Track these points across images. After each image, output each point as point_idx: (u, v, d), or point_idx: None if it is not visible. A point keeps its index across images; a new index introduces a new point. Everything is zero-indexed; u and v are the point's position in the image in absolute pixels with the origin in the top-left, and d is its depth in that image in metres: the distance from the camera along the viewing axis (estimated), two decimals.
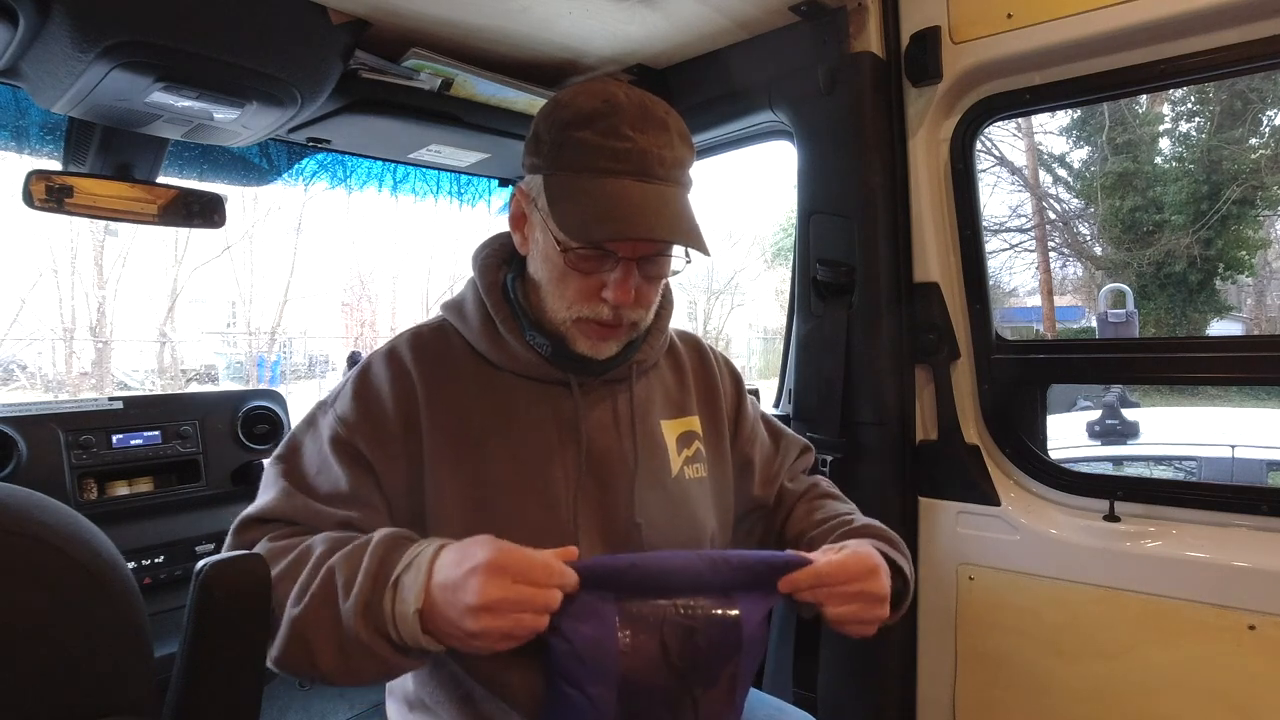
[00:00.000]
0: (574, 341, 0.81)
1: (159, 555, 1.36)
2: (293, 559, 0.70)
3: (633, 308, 0.80)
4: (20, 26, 0.95)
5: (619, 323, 0.80)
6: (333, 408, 0.83)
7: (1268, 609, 1.02)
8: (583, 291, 0.79)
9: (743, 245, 16.54)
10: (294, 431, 0.84)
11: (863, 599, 0.75)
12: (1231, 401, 8.11)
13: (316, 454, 0.81)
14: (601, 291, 0.78)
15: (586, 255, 0.77)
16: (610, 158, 0.75)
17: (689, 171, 0.82)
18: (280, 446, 0.83)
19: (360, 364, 0.86)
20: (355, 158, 1.67)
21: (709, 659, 0.70)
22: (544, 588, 0.63)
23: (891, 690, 1.33)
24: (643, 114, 0.77)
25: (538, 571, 0.64)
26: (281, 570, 0.70)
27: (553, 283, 0.80)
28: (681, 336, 1.01)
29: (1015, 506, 1.25)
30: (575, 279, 0.79)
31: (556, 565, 0.65)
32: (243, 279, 12.43)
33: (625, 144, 0.75)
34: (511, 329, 0.84)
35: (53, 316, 10.36)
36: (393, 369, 0.83)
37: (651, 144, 0.76)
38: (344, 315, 14.37)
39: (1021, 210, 12.19)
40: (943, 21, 1.25)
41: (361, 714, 1.67)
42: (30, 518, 0.55)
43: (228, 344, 13.22)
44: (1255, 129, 10.23)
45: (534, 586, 0.63)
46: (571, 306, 0.80)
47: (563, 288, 0.80)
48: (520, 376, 0.84)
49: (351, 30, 1.19)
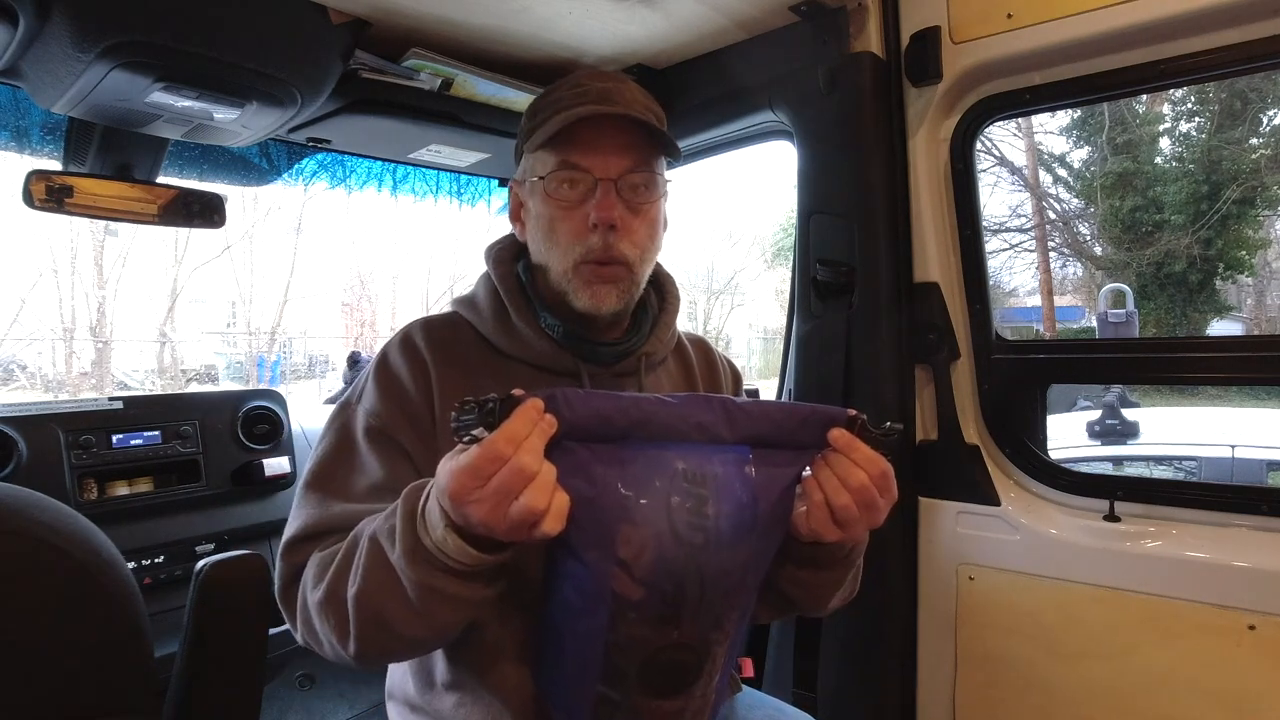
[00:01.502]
0: (576, 296, 0.82)
1: (159, 555, 1.36)
2: (343, 553, 0.70)
3: (621, 238, 0.81)
4: (20, 26, 0.95)
5: (611, 256, 0.81)
6: (359, 405, 0.84)
7: (1268, 609, 1.02)
8: (572, 230, 0.82)
9: (743, 245, 16.57)
10: (317, 450, 0.84)
11: (869, 508, 0.67)
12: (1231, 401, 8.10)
13: (348, 455, 0.81)
14: (589, 224, 0.81)
15: (564, 180, 0.81)
16: (573, 97, 0.82)
17: (656, 119, 0.86)
18: (305, 473, 0.83)
19: (376, 357, 0.87)
20: (355, 158, 1.67)
21: (718, 524, 0.62)
22: (524, 437, 0.58)
23: (891, 690, 1.33)
24: (605, 74, 0.86)
25: (514, 424, 0.58)
26: (338, 567, 0.70)
27: (547, 236, 0.84)
28: (690, 338, 1.04)
29: (1015, 506, 1.25)
30: (563, 220, 0.82)
31: (530, 411, 0.59)
32: (243, 279, 12.45)
33: (585, 86, 0.83)
34: (524, 315, 0.86)
35: (53, 316, 10.37)
36: (408, 354, 0.84)
37: (613, 86, 0.83)
38: (344, 315, 14.39)
39: (1021, 210, 12.20)
40: (943, 21, 1.25)
41: (361, 714, 1.67)
42: (30, 518, 0.55)
43: (228, 344, 13.23)
44: (1255, 129, 10.23)
45: (511, 441, 0.57)
46: (566, 252, 0.82)
47: (555, 236, 0.83)
48: (530, 366, 0.86)
49: (351, 30, 1.19)
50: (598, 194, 0.81)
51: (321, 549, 0.74)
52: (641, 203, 0.84)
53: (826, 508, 0.66)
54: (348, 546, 0.70)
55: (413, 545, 0.63)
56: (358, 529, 0.71)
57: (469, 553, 0.61)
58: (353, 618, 0.67)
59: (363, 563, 0.67)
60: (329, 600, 0.69)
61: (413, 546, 0.63)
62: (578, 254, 0.82)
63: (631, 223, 0.83)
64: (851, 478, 0.65)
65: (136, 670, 0.59)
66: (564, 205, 0.82)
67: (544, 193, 0.83)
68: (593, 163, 0.81)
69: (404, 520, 0.64)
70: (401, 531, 0.64)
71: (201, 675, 0.63)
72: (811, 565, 0.75)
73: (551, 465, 0.58)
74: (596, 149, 0.81)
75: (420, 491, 0.65)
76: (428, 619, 0.65)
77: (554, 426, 0.59)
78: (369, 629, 0.66)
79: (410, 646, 0.68)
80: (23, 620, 0.52)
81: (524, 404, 0.58)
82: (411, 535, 0.63)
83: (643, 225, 0.84)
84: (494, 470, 0.56)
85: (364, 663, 0.70)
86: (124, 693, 0.57)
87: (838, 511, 0.66)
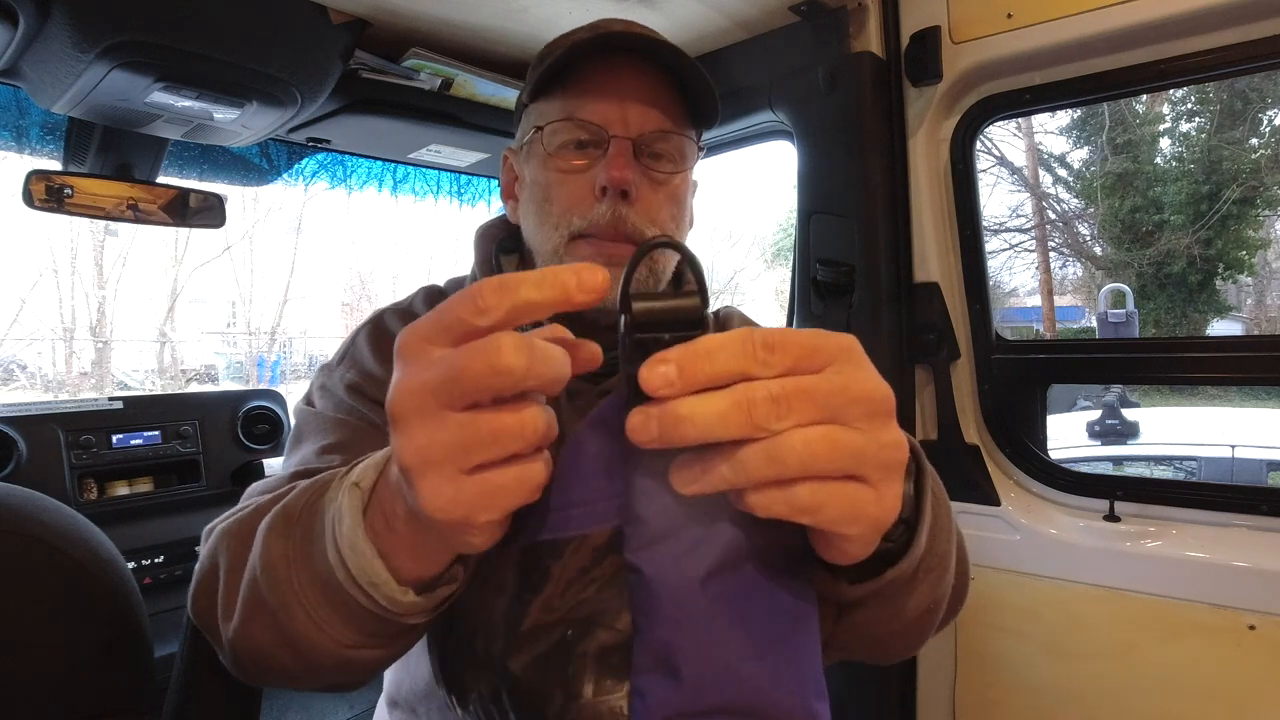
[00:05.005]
0: None
1: (159, 555, 1.36)
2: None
3: (636, 210, 0.63)
4: (20, 26, 0.95)
5: (621, 232, 0.63)
6: (340, 366, 0.70)
7: (1268, 609, 1.02)
8: (574, 195, 0.64)
9: (742, 245, 16.56)
10: (292, 429, 0.70)
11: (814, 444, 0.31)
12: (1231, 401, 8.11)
13: (326, 413, 0.66)
14: (595, 187, 0.64)
15: (568, 138, 0.64)
16: (588, 30, 0.66)
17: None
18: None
19: (369, 319, 0.74)
20: (355, 158, 1.67)
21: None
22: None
23: (891, 690, 1.33)
24: (632, 23, 0.68)
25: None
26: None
27: (540, 208, 0.66)
28: (724, 314, 0.88)
29: (1015, 506, 1.25)
30: (565, 183, 0.65)
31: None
32: (243, 279, 12.46)
33: (604, 28, 0.65)
34: None
35: (53, 316, 10.38)
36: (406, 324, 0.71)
37: (641, 31, 0.65)
38: (344, 315, 14.38)
39: (1021, 210, 12.21)
40: (943, 21, 1.25)
41: (361, 714, 1.67)
42: (30, 517, 0.55)
43: (228, 344, 13.23)
44: (1255, 129, 10.24)
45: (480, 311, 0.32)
46: (561, 222, 0.64)
47: (550, 204, 0.65)
48: None
49: (351, 30, 1.19)
50: (610, 151, 0.63)
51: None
52: (665, 173, 0.66)
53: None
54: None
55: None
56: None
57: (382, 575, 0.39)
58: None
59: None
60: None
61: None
62: (575, 227, 0.64)
63: (650, 196, 0.65)
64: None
65: (136, 670, 0.59)
66: (564, 168, 0.65)
67: (542, 152, 0.66)
68: (607, 114, 0.63)
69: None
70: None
71: (201, 675, 0.63)
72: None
73: (549, 412, 0.34)
74: (612, 97, 0.63)
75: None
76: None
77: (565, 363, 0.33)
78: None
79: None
80: (22, 620, 0.52)
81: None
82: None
83: (666, 202, 0.66)
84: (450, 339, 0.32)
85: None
86: (124, 693, 0.57)
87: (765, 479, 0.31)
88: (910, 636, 0.52)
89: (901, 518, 0.43)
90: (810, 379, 0.31)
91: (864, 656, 0.55)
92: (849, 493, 0.32)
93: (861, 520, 0.33)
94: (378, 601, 0.39)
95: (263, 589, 0.43)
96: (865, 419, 0.31)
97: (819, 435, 0.30)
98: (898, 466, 0.33)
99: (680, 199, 0.68)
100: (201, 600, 0.50)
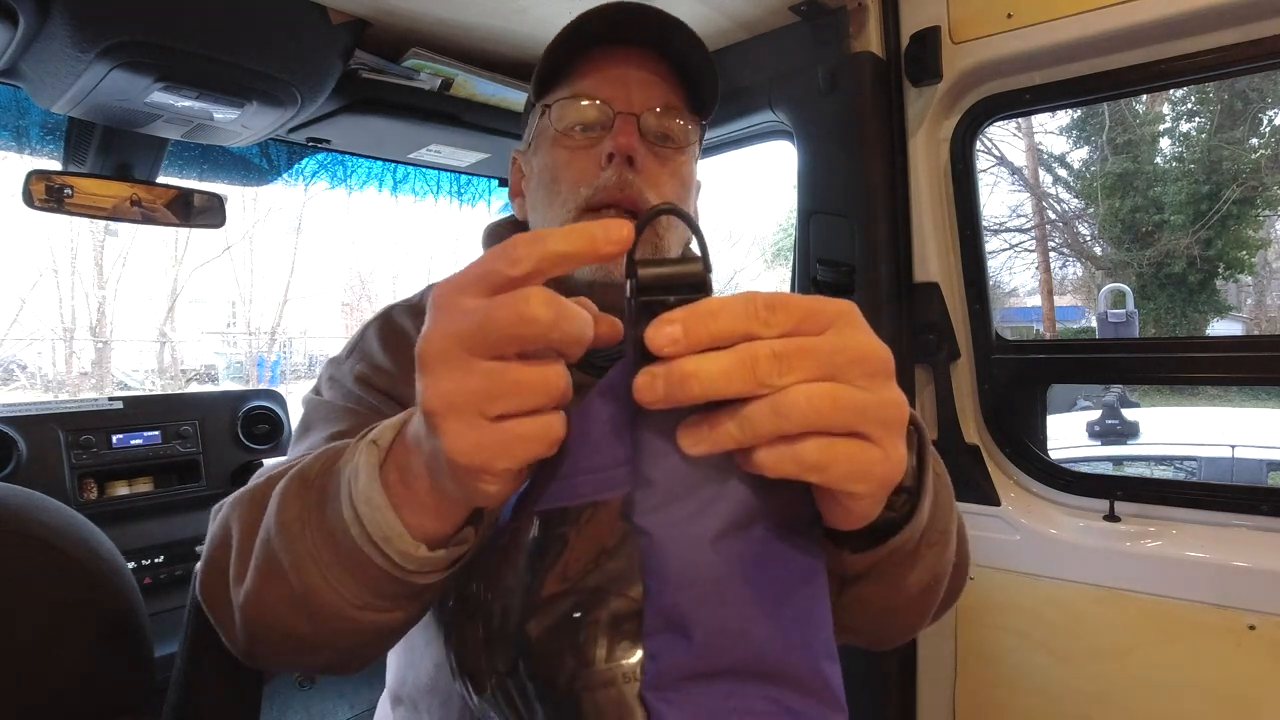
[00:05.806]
0: None
1: (159, 555, 1.36)
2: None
3: (643, 179, 0.66)
4: (20, 26, 0.95)
5: (628, 197, 0.66)
6: (349, 358, 0.72)
7: (1268, 609, 1.02)
8: (581, 170, 0.68)
9: (742, 245, 16.55)
10: (300, 418, 0.71)
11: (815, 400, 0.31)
12: (1231, 401, 8.11)
13: (335, 402, 0.67)
14: (601, 161, 0.67)
15: (575, 116, 0.68)
16: (595, 20, 0.67)
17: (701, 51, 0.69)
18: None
19: (378, 314, 0.75)
20: (355, 158, 1.67)
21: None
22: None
23: (891, 690, 1.33)
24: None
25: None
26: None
27: (551, 183, 0.70)
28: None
29: (1015, 506, 1.25)
30: (572, 160, 0.68)
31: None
32: (243, 279, 12.47)
33: (609, 12, 0.67)
34: None
35: (53, 316, 10.38)
36: (418, 323, 0.70)
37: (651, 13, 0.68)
38: (344, 315, 14.39)
39: (1021, 210, 12.21)
40: (943, 21, 1.25)
41: (362, 714, 1.67)
42: (30, 518, 0.55)
43: (228, 344, 13.23)
44: (1255, 129, 10.24)
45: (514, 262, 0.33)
46: (569, 196, 0.68)
47: (559, 182, 0.69)
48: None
49: (351, 30, 1.19)
50: (616, 123, 0.67)
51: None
52: (668, 150, 0.69)
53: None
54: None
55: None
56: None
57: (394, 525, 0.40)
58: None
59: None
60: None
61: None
62: (583, 197, 0.66)
63: (656, 169, 0.68)
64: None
65: (136, 670, 0.59)
66: (571, 145, 0.68)
67: (551, 132, 0.69)
68: (612, 94, 0.67)
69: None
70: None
71: (201, 675, 0.63)
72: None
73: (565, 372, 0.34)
74: (617, 80, 0.68)
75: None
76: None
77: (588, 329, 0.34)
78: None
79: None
80: (22, 620, 0.52)
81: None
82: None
83: (670, 179, 0.69)
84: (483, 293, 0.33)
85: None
86: (124, 693, 0.57)
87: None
88: (910, 615, 0.53)
89: (904, 486, 0.44)
90: (812, 338, 0.32)
91: (864, 639, 0.56)
92: (855, 450, 0.32)
93: (869, 477, 0.33)
94: (390, 558, 0.40)
95: (276, 548, 0.44)
96: (866, 378, 0.32)
97: (822, 390, 0.31)
98: (899, 424, 0.34)
99: (685, 180, 0.71)
100: (212, 574, 0.51)
